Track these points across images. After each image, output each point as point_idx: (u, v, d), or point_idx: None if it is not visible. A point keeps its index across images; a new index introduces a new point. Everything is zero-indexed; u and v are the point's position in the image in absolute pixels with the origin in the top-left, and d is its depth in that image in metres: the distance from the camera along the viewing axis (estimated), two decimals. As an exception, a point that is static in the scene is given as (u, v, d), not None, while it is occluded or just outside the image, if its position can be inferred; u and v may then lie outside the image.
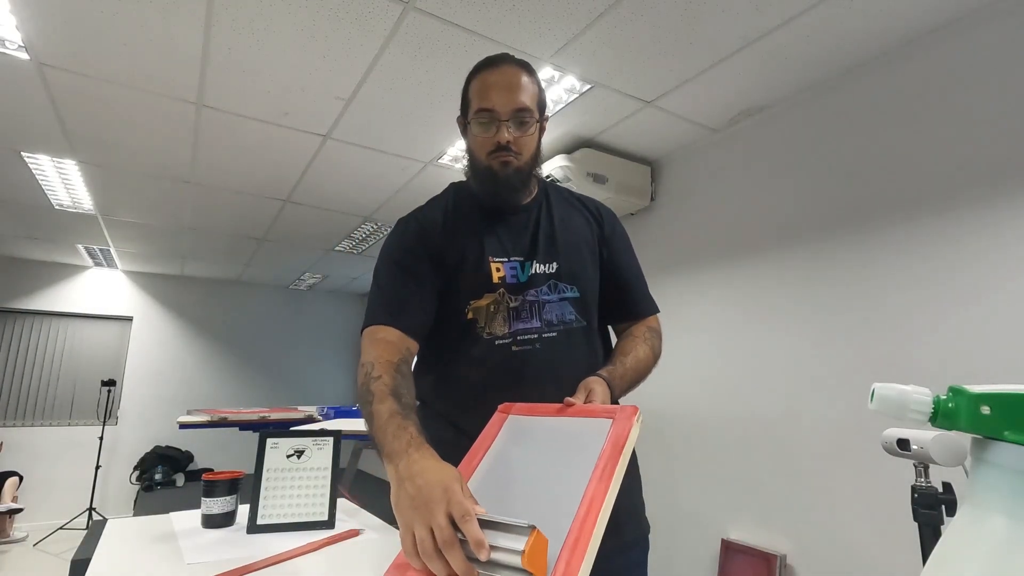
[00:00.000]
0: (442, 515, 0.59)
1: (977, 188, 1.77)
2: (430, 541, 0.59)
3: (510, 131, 0.96)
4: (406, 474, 0.67)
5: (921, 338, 1.85)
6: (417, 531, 0.60)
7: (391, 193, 3.45)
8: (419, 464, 0.67)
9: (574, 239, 1.07)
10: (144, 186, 3.38)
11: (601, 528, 0.63)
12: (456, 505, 0.59)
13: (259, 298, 6.40)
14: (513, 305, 0.98)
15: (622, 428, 0.77)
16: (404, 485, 0.66)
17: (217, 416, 3.97)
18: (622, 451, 0.73)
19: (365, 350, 0.91)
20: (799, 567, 2.10)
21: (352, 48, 2.04)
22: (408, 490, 0.64)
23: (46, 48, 2.05)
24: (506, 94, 0.96)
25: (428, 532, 0.59)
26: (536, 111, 0.99)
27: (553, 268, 1.01)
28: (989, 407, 0.37)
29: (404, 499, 0.64)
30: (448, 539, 0.58)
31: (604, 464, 0.71)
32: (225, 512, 1.00)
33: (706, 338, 2.61)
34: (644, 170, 2.95)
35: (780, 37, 1.94)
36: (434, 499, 0.61)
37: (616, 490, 0.69)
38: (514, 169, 0.98)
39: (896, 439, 1.12)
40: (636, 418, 0.79)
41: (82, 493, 4.89)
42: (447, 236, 1.00)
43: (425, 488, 0.63)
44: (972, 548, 0.36)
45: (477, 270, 0.98)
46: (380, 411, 0.79)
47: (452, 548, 0.58)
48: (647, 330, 1.08)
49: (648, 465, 1.06)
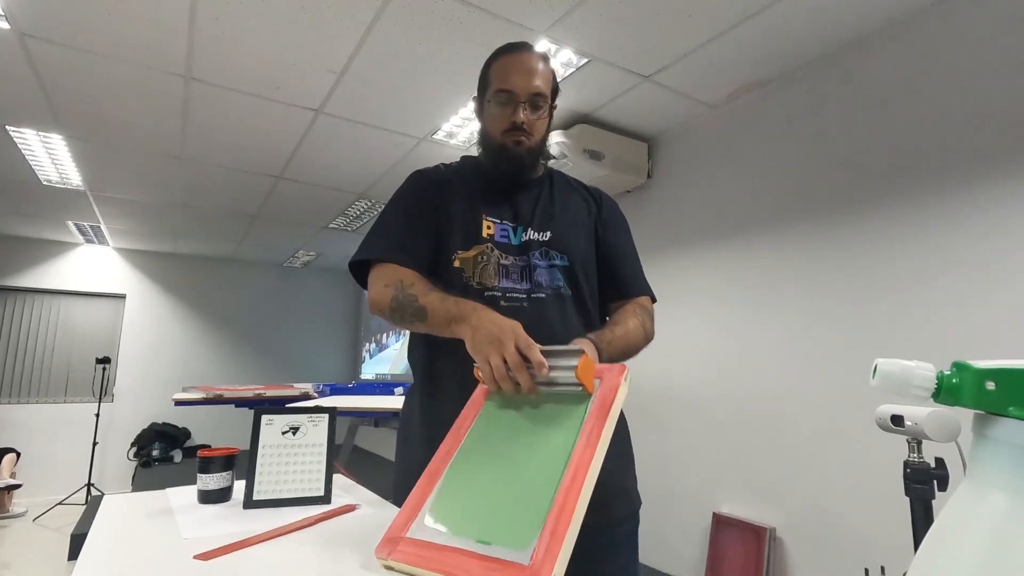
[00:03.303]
0: (512, 346, 0.76)
1: (975, 167, 1.76)
2: (503, 367, 0.75)
3: (526, 112, 1.03)
4: (479, 322, 0.82)
5: (915, 317, 1.85)
6: (493, 360, 0.76)
7: (385, 169, 3.41)
8: (490, 315, 0.83)
9: (569, 213, 1.12)
10: (133, 161, 3.32)
11: (587, 496, 0.62)
12: (522, 339, 0.76)
13: (253, 276, 6.37)
14: (504, 262, 1.02)
15: (609, 389, 0.74)
16: (479, 330, 0.81)
17: (212, 393, 3.97)
18: (608, 413, 0.71)
19: (383, 276, 0.99)
20: (789, 540, 2.14)
21: (343, 19, 1.98)
22: (483, 333, 0.80)
23: (28, 18, 1.99)
24: (525, 78, 1.03)
25: (501, 360, 0.76)
26: (550, 97, 1.06)
27: (546, 236, 1.06)
28: (994, 382, 0.37)
29: (481, 339, 0.79)
30: (517, 363, 0.75)
31: (591, 428, 0.70)
32: (221, 488, 1.00)
33: (701, 315, 2.62)
34: (641, 147, 2.92)
35: (780, 11, 1.90)
36: (506, 335, 0.77)
37: (603, 453, 0.68)
38: (526, 149, 1.05)
39: (890, 415, 1.13)
40: (624, 377, 0.76)
41: (80, 469, 4.92)
42: (451, 193, 1.08)
43: (497, 329, 0.79)
44: (973, 523, 0.36)
45: (468, 223, 1.04)
46: (432, 300, 0.91)
47: (521, 370, 0.75)
48: (638, 307, 1.09)
49: (642, 440, 1.08)
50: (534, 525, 0.61)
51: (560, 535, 0.58)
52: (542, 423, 0.76)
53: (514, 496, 0.67)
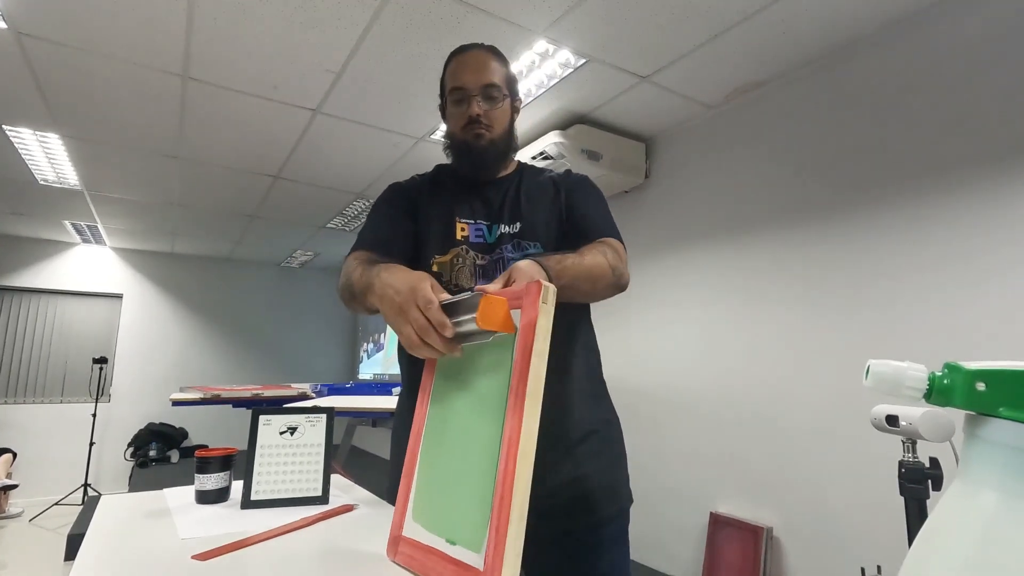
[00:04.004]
0: (414, 310, 0.68)
1: (971, 168, 1.76)
2: (414, 335, 0.69)
3: (480, 105, 1.04)
4: (381, 290, 0.75)
5: (910, 317, 1.86)
6: (401, 330, 0.70)
7: (383, 169, 3.40)
8: (391, 277, 0.75)
9: (537, 201, 1.10)
10: (130, 161, 3.31)
11: (525, 478, 0.57)
12: (421, 299, 0.68)
13: (251, 276, 6.36)
14: (480, 263, 1.02)
15: (527, 326, 0.62)
16: (383, 299, 0.75)
17: (210, 393, 3.97)
18: (531, 359, 0.59)
19: (347, 264, 0.98)
20: (786, 539, 2.15)
21: (342, 19, 1.98)
22: (386, 302, 0.73)
23: (24, 16, 1.99)
24: (475, 72, 1.05)
25: (410, 328, 0.69)
26: (505, 88, 1.07)
27: (516, 228, 1.05)
28: (985, 383, 0.37)
29: (386, 309, 0.74)
30: (423, 327, 0.68)
31: (516, 386, 0.60)
32: (219, 488, 1.00)
33: (698, 315, 2.62)
34: (639, 147, 2.92)
35: (778, 11, 1.91)
36: (406, 300, 0.70)
37: (537, 412, 0.59)
38: (488, 141, 1.05)
39: (885, 415, 1.14)
40: (543, 298, 0.61)
41: (77, 470, 4.90)
42: (425, 200, 1.10)
43: (395, 293, 0.72)
44: (963, 523, 0.37)
45: (443, 228, 1.05)
46: (356, 274, 0.88)
47: (428, 333, 0.67)
48: (600, 242, 1.00)
49: (639, 439, 1.08)
50: (483, 523, 0.59)
51: (503, 533, 0.56)
52: (477, 388, 0.68)
53: (466, 486, 0.65)
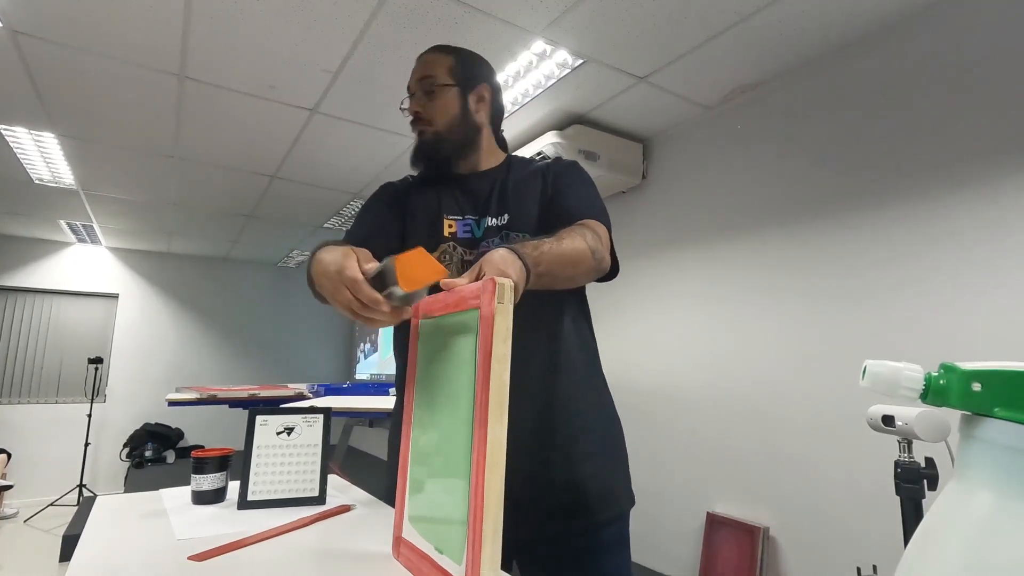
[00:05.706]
0: (343, 291, 0.69)
1: (968, 169, 1.77)
2: (351, 314, 0.69)
3: (416, 101, 1.06)
4: (317, 278, 0.76)
5: (905, 317, 1.87)
6: (342, 311, 0.71)
7: (380, 169, 3.40)
8: (323, 259, 0.74)
9: (524, 191, 1.06)
10: (126, 160, 3.30)
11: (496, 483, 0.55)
12: (347, 279, 0.68)
13: (247, 276, 6.34)
14: (468, 259, 1.01)
15: (486, 326, 0.57)
16: (321, 286, 0.74)
17: (206, 393, 3.95)
18: (490, 365, 0.55)
19: None
20: (782, 539, 2.15)
21: (339, 18, 1.98)
22: (324, 286, 0.73)
23: (20, 15, 1.98)
24: (415, 73, 1.08)
25: (346, 308, 0.69)
26: (448, 78, 1.06)
27: (504, 220, 1.04)
28: (980, 384, 0.37)
29: (325, 292, 0.73)
30: (356, 307, 0.68)
31: (479, 395, 0.57)
32: (215, 489, 1.00)
33: (695, 315, 2.63)
34: (636, 147, 2.93)
35: (775, 12, 1.91)
36: (335, 283, 0.70)
37: (503, 419, 0.56)
38: (432, 135, 1.06)
39: (881, 415, 1.14)
40: (497, 296, 0.56)
41: (72, 470, 4.88)
42: (413, 197, 1.10)
43: (327, 277, 0.71)
44: (958, 522, 0.37)
45: (430, 225, 1.04)
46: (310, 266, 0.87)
47: (363, 309, 0.68)
48: (579, 225, 0.95)
49: (635, 439, 1.08)
50: (463, 534, 0.58)
51: (478, 547, 0.54)
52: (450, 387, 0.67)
53: (446, 492, 0.64)
